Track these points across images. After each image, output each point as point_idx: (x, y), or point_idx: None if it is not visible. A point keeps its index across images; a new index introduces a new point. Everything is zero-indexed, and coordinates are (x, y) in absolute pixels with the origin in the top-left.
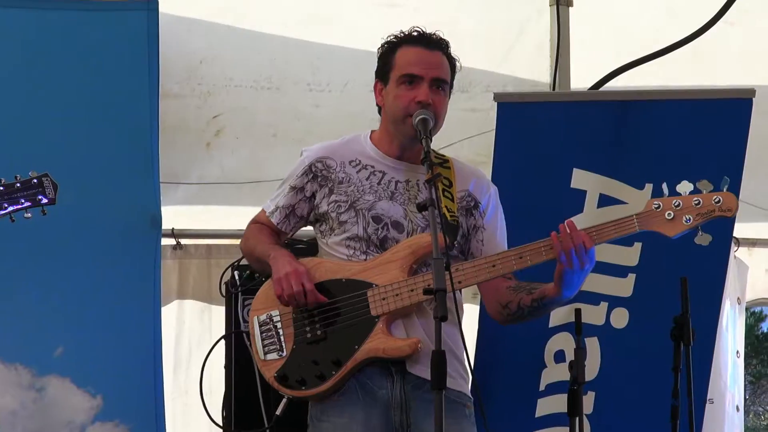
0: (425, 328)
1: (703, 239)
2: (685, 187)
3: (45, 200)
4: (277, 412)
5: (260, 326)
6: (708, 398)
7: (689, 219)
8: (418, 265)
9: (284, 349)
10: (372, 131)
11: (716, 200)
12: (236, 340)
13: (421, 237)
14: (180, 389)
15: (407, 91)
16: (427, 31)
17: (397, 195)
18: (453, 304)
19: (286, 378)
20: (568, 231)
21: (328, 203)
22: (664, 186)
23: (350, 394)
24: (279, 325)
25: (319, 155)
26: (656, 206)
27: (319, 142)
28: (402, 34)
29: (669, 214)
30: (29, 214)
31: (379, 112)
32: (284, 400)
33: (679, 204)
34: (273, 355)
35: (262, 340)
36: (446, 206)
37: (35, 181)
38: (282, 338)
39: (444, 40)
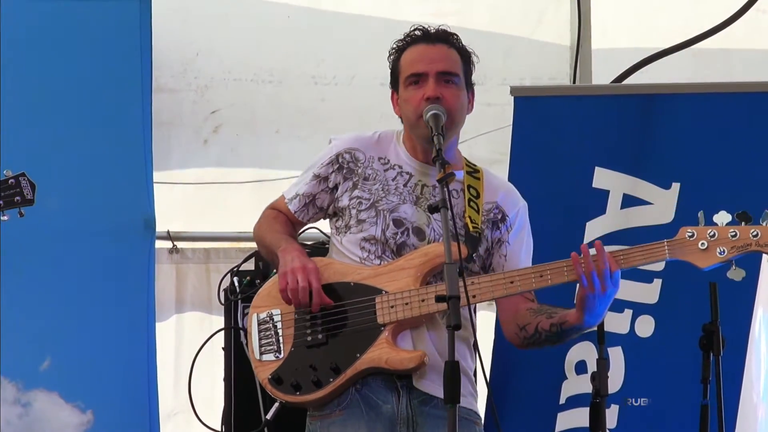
0: (435, 342)
1: (735, 274)
2: (722, 217)
3: (20, 200)
4: (268, 416)
5: (259, 324)
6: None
7: (723, 251)
8: (432, 276)
9: (282, 351)
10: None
11: (754, 234)
12: (236, 355)
13: (438, 246)
14: (181, 406)
15: (415, 90)
16: (431, 27)
17: (422, 200)
18: (466, 318)
19: (281, 381)
20: (594, 253)
21: (350, 198)
22: (701, 215)
23: (353, 409)
24: (279, 325)
25: (348, 146)
26: (690, 235)
27: (351, 132)
28: (405, 38)
29: (702, 243)
30: (6, 217)
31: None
32: (276, 405)
33: (714, 234)
34: (269, 356)
35: (260, 339)
36: (470, 217)
37: (12, 181)
38: (281, 339)
39: (448, 32)
